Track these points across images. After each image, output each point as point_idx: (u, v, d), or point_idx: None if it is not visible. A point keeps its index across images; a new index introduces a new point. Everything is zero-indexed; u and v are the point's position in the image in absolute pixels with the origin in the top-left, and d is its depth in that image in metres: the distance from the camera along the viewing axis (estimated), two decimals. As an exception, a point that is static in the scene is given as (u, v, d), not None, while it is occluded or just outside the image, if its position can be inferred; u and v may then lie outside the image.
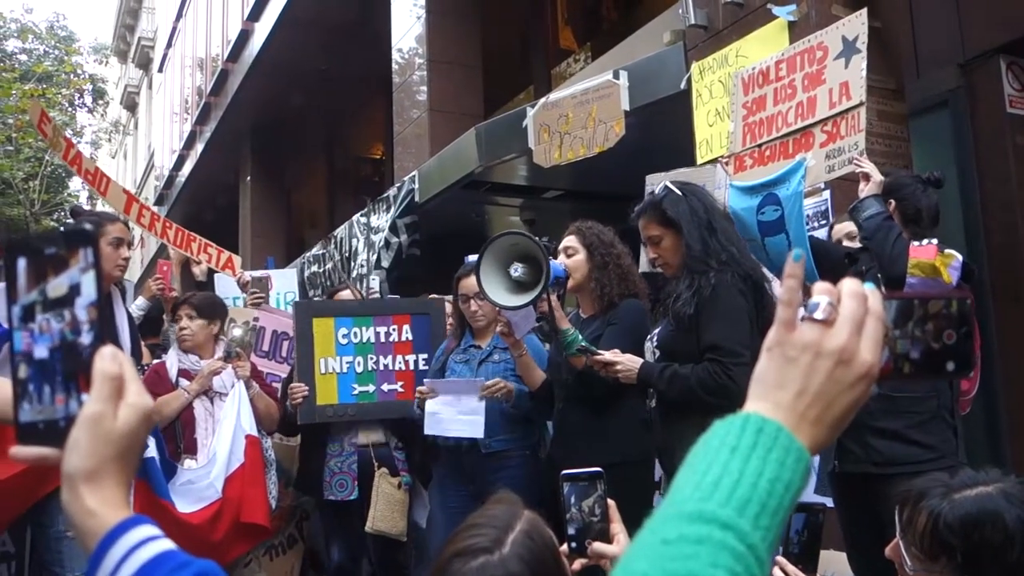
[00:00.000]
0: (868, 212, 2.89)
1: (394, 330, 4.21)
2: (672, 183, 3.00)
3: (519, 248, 3.12)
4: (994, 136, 4.69)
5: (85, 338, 0.82)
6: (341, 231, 9.18)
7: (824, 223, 4.12)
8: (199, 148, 15.90)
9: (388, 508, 3.99)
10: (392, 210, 7.87)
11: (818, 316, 0.72)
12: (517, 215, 8.06)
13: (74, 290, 0.82)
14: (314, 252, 9.94)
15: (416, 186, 7.48)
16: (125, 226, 3.85)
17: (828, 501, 3.19)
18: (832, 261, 3.30)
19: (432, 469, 3.99)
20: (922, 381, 0.67)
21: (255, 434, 3.94)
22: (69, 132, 21.14)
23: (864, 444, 2.90)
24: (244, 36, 12.74)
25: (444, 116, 8.45)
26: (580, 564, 1.50)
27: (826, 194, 4.14)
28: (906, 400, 2.84)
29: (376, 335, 4.18)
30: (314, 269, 9.67)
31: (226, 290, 5.89)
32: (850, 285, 0.74)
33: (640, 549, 0.66)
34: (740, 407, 0.75)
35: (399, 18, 9.26)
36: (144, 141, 26.09)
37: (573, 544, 1.51)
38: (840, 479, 3.04)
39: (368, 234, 8.38)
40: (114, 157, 32.44)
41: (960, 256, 2.80)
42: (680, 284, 2.83)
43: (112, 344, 0.83)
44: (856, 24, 3.12)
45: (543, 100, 5.93)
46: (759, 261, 3.01)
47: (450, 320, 4.26)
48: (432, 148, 8.12)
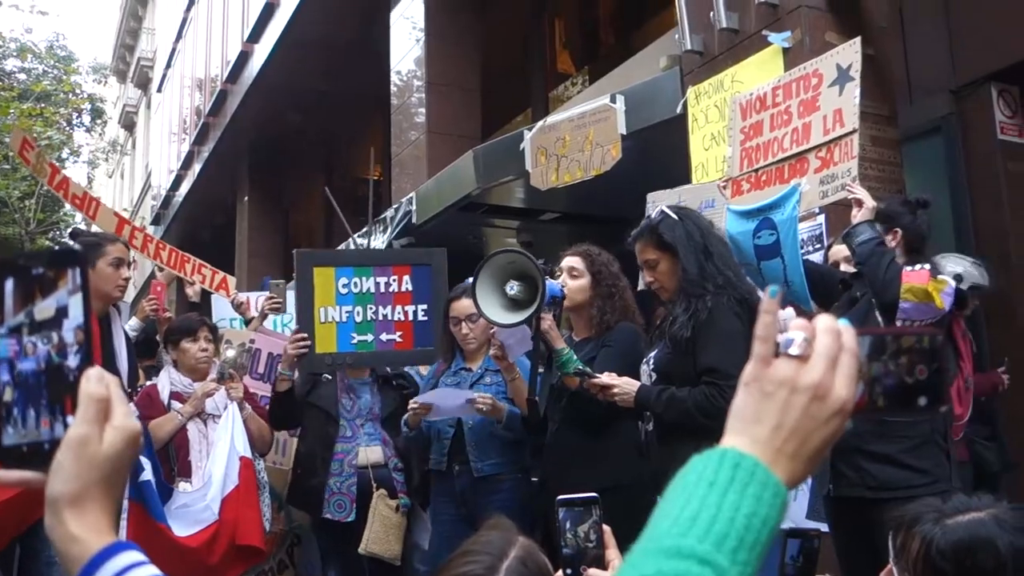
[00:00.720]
0: (861, 237, 2.92)
1: (394, 280, 4.21)
2: (668, 207, 3.02)
3: (516, 266, 3.13)
4: (986, 162, 4.73)
5: (72, 360, 0.81)
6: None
7: (819, 247, 4.15)
8: (197, 168, 15.95)
9: (384, 530, 3.96)
10: (389, 231, 7.89)
11: (793, 352, 0.73)
12: (514, 237, 8.09)
13: (61, 312, 0.81)
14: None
15: (414, 208, 7.51)
16: (125, 247, 3.86)
17: (823, 526, 3.19)
18: (827, 286, 3.33)
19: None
20: (894, 415, 0.68)
21: (249, 456, 3.94)
22: (67, 151, 21.22)
23: (858, 468, 2.91)
24: (243, 57, 12.82)
25: (442, 138, 8.50)
26: None
27: (820, 218, 4.17)
28: (900, 424, 2.85)
29: (376, 285, 4.19)
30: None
31: (223, 311, 5.89)
32: (824, 321, 0.75)
33: None
34: None
35: (398, 40, 9.33)
36: (142, 161, 26.14)
37: (568, 570, 1.51)
38: (835, 503, 3.04)
39: (365, 255, 8.39)
40: (111, 176, 32.49)
41: (953, 282, 2.83)
42: (676, 307, 2.84)
43: (106, 366, 0.82)
44: (850, 52, 3.16)
45: (540, 123, 5.97)
46: (756, 285, 3.03)
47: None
48: (430, 170, 8.16)
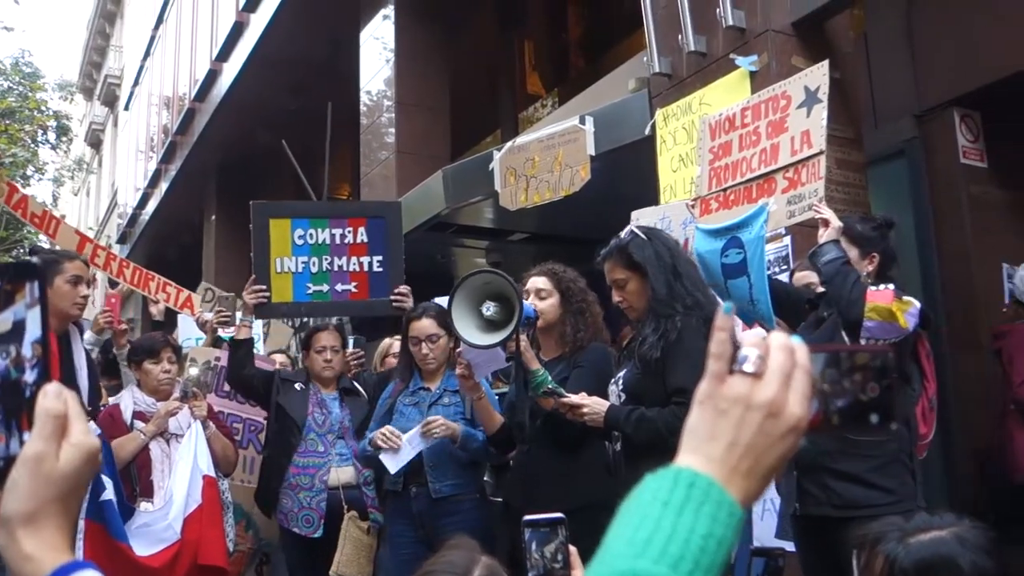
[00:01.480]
0: (827, 257, 2.95)
1: (349, 232, 4.28)
2: (637, 227, 3.03)
3: (492, 287, 3.11)
4: (948, 186, 4.81)
5: (29, 376, 0.79)
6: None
7: (785, 268, 4.18)
8: (164, 187, 15.80)
9: (355, 552, 3.94)
10: (358, 251, 7.84)
11: (748, 369, 0.73)
12: (483, 257, 8.08)
13: (19, 326, 0.79)
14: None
15: (382, 227, 7.47)
16: (84, 264, 3.80)
17: (790, 545, 3.19)
18: (793, 305, 3.35)
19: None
20: (848, 433, 0.68)
21: (212, 475, 3.88)
22: (32, 169, 20.90)
23: (824, 487, 2.91)
24: (212, 76, 12.75)
25: (411, 158, 8.49)
26: None
27: (787, 240, 4.21)
28: (866, 443, 2.87)
29: (332, 236, 4.26)
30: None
31: (189, 330, 5.82)
32: (779, 338, 0.75)
33: None
34: None
35: (368, 60, 9.33)
36: (108, 179, 25.85)
37: None
38: (801, 522, 3.04)
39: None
40: (77, 195, 32.08)
41: (918, 303, 2.86)
42: (646, 327, 2.84)
43: (66, 384, 0.80)
44: (818, 75, 3.21)
45: (510, 144, 5.99)
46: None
47: (391, 357, 4.23)
48: (399, 190, 8.13)
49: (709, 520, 0.68)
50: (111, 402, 4.14)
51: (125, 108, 21.61)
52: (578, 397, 2.92)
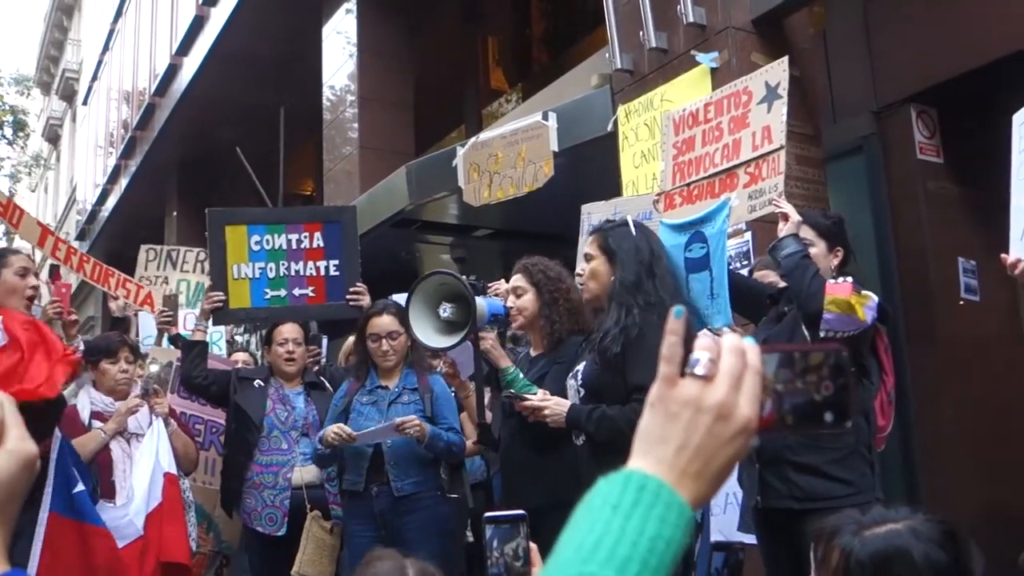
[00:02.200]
0: (787, 251, 2.97)
1: (305, 237, 4.31)
2: (635, 223, 3.00)
3: (447, 288, 3.09)
4: (906, 181, 4.88)
5: None
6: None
7: (746, 263, 4.21)
8: (124, 183, 15.55)
9: (317, 552, 3.92)
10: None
11: (698, 372, 0.74)
12: (448, 253, 8.06)
13: None
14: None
15: (346, 223, 7.42)
16: (29, 257, 3.76)
17: (751, 538, 3.22)
18: (755, 299, 3.37)
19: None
20: (802, 432, 0.70)
21: (174, 472, 3.84)
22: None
23: (786, 479, 2.94)
24: (172, 70, 12.57)
25: (375, 154, 8.45)
26: None
27: (748, 235, 4.25)
28: (825, 437, 2.89)
29: (288, 242, 4.30)
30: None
31: (149, 328, 5.72)
32: (730, 340, 0.75)
33: None
34: None
35: (330, 55, 9.26)
36: (66, 175, 25.39)
37: None
38: (763, 515, 3.07)
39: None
40: (34, 191, 31.48)
41: (876, 298, 2.89)
42: (607, 319, 2.83)
43: None
44: (778, 71, 3.23)
45: (473, 140, 5.97)
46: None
47: (347, 357, 4.26)
48: (363, 186, 8.09)
49: (658, 522, 0.69)
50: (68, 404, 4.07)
51: (84, 103, 21.23)
52: (538, 398, 2.90)
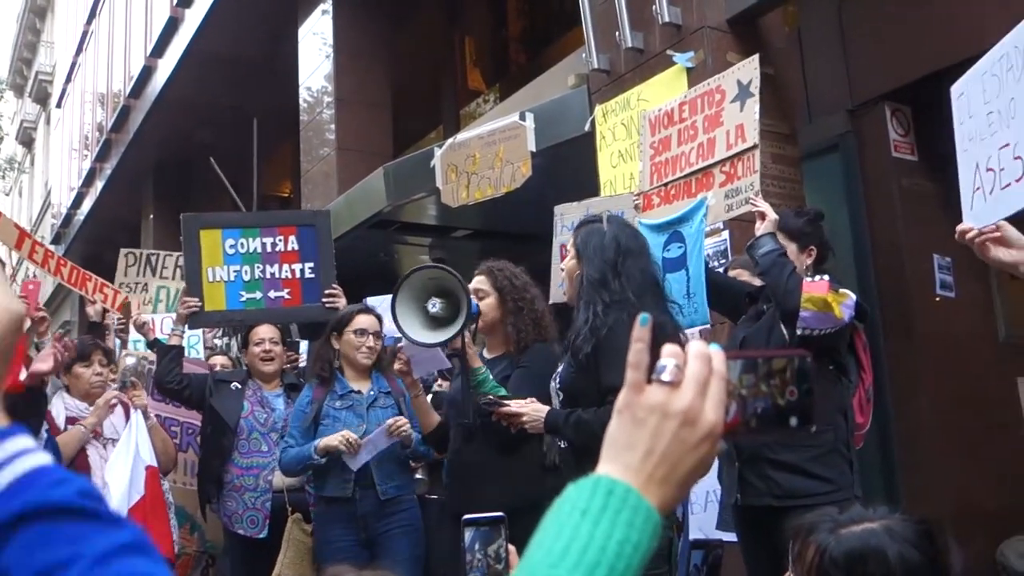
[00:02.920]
0: (764, 249, 2.98)
1: (280, 240, 4.35)
2: (611, 217, 2.96)
3: (437, 283, 3.05)
4: (881, 179, 4.91)
5: None
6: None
7: (724, 262, 4.22)
8: (99, 186, 15.39)
9: (297, 556, 3.91)
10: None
11: (665, 378, 0.75)
12: (426, 254, 8.04)
13: None
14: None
15: (324, 225, 7.37)
16: None
17: (731, 536, 3.23)
18: (733, 297, 3.38)
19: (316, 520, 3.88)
20: (767, 436, 0.74)
21: (155, 465, 3.81)
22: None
23: (765, 477, 2.95)
24: (147, 72, 12.46)
25: (352, 155, 8.41)
26: None
27: (725, 234, 4.26)
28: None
29: (263, 245, 4.33)
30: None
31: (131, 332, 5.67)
32: (696, 347, 0.77)
33: None
34: None
35: (307, 56, 9.20)
36: (41, 178, 25.12)
37: None
38: (743, 512, 3.08)
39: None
40: (8, 195, 31.13)
41: (853, 295, 2.90)
42: (578, 320, 2.82)
43: None
44: (749, 69, 3.24)
45: (451, 140, 5.95)
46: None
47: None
48: (340, 187, 8.05)
49: (626, 526, 0.70)
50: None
51: (58, 105, 21.01)
52: (517, 405, 2.87)
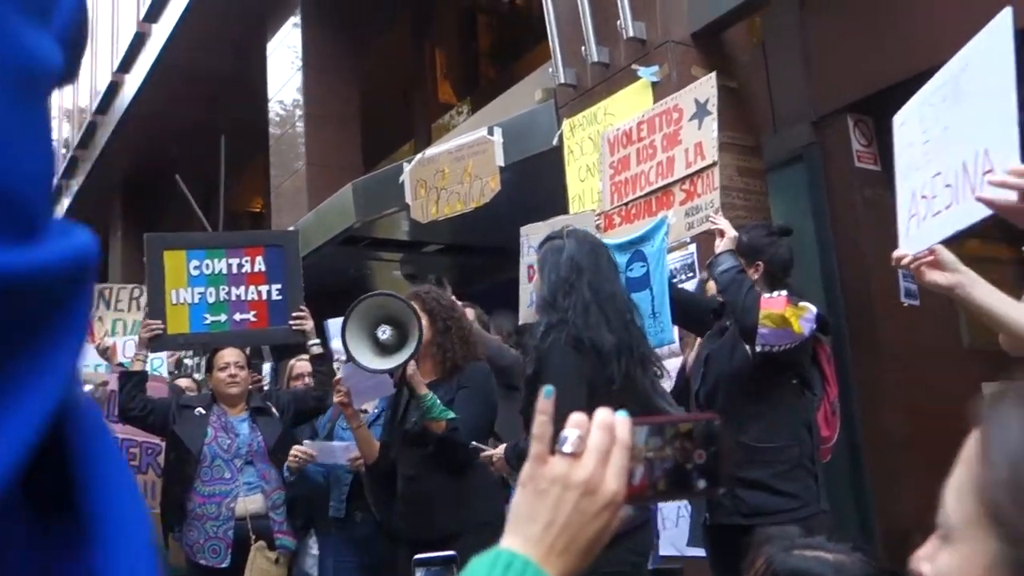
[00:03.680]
0: (723, 267, 2.99)
1: (247, 261, 4.27)
2: (575, 233, 2.94)
3: (386, 310, 3.06)
4: (844, 189, 4.94)
5: None
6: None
7: (691, 275, 4.24)
8: (65, 203, 15.20)
9: None
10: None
11: (566, 449, 0.77)
12: (398, 270, 8.01)
13: None
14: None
15: (294, 242, 7.32)
16: None
17: (702, 551, 3.23)
18: (700, 313, 3.39)
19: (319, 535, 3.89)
20: (675, 499, 0.77)
21: None
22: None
23: (732, 495, 2.95)
24: (114, 88, 12.34)
25: (323, 170, 8.37)
26: None
27: (692, 247, 4.27)
28: (769, 451, 2.92)
29: (228, 266, 4.25)
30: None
31: (89, 357, 5.59)
32: (600, 416, 0.78)
33: None
34: None
35: (276, 71, 9.16)
36: (8, 195, 24.78)
37: None
38: (712, 531, 3.08)
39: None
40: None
41: (814, 309, 2.91)
42: (531, 342, 2.83)
43: None
44: (706, 87, 3.25)
45: (419, 156, 5.94)
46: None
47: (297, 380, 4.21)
48: (311, 202, 8.00)
49: None
50: None
51: (24, 121, 20.75)
52: (491, 451, 2.94)
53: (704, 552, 3.23)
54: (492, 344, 3.85)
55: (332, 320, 4.40)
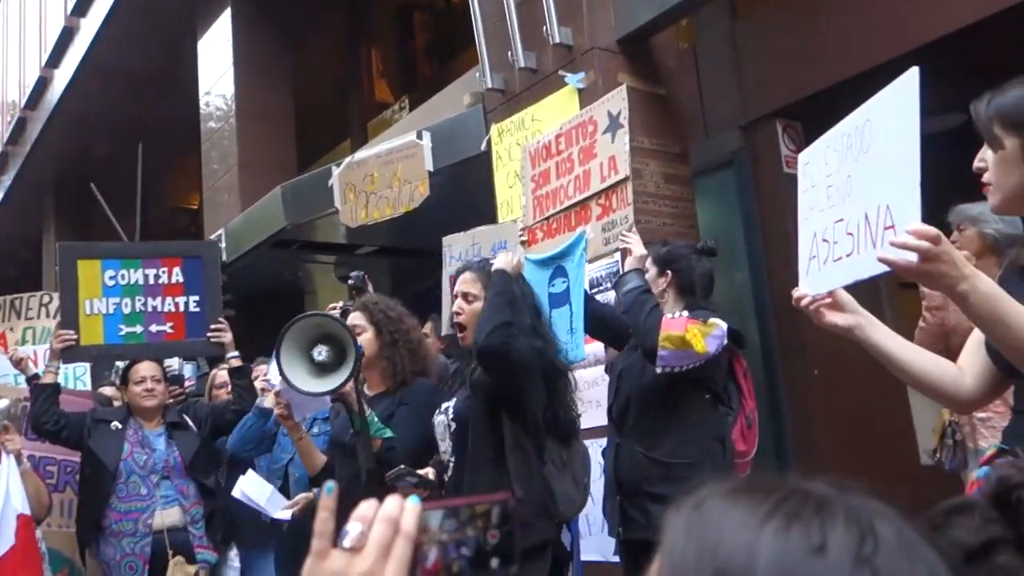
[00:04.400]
0: (628, 286, 2.97)
1: (164, 272, 4.23)
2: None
3: (321, 329, 2.98)
4: (773, 194, 4.97)
5: None
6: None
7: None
8: (-3, 200, 14.75)
9: None
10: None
11: (346, 544, 0.76)
12: (332, 272, 7.90)
13: None
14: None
15: (223, 244, 7.18)
16: None
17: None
18: (618, 326, 3.36)
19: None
20: None
21: (28, 513, 3.61)
22: None
23: (644, 510, 2.94)
24: (43, 83, 11.99)
25: (256, 169, 8.22)
26: None
27: (616, 255, 4.25)
28: (681, 467, 2.90)
29: (145, 277, 4.21)
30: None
31: (5, 368, 5.40)
32: (386, 508, 0.77)
33: None
34: None
35: (207, 68, 8.96)
36: (-62, 190, 23.98)
37: None
38: (626, 546, 3.07)
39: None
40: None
41: (724, 325, 2.89)
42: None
43: None
44: (618, 99, 3.22)
45: (348, 159, 5.85)
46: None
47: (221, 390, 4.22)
48: (243, 203, 7.86)
49: None
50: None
51: (-48, 115, 20.08)
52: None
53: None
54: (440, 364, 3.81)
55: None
